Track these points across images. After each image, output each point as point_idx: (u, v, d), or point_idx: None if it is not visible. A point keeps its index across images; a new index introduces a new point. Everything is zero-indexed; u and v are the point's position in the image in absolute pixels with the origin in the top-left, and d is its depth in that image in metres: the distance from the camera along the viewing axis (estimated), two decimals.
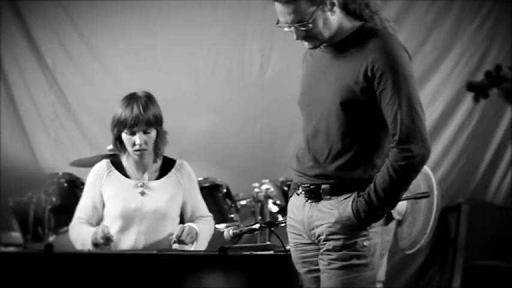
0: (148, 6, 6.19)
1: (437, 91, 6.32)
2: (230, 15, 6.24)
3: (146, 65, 6.17)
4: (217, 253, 3.38)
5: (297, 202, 3.05)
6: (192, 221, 3.97)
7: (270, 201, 5.27)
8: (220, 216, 4.92)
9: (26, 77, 6.14)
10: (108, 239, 3.73)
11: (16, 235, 5.46)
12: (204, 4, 6.22)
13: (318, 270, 2.99)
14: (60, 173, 5.42)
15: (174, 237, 3.79)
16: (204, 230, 3.94)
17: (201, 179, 5.02)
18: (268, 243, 4.37)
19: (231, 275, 3.40)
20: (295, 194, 3.07)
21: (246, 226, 3.42)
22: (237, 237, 3.40)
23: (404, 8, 6.27)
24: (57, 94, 6.16)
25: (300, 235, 3.04)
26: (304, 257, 3.05)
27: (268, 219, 5.16)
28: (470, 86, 2.42)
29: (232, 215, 5.04)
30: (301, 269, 3.08)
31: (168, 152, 4.05)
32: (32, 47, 6.12)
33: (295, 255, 3.09)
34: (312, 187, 2.96)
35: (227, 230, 3.42)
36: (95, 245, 3.75)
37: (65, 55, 6.16)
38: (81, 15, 6.16)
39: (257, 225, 3.40)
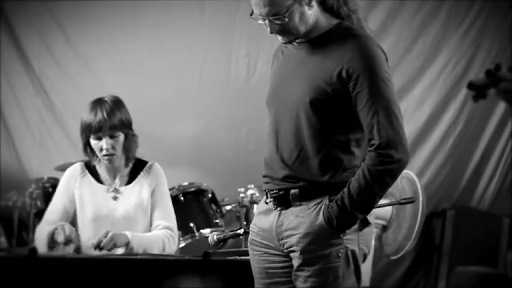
0: (135, 11, 6.19)
1: (424, 96, 6.31)
2: (217, 19, 6.23)
3: (132, 70, 6.17)
4: (201, 258, 3.38)
5: (264, 210, 2.90)
6: (150, 224, 3.88)
7: (255, 206, 5.27)
8: (205, 221, 4.94)
9: (12, 82, 6.14)
10: (68, 240, 3.69)
11: (1, 239, 5.45)
12: (191, 9, 6.22)
13: (285, 282, 2.85)
14: (45, 178, 5.44)
15: (95, 242, 3.63)
16: (147, 238, 3.80)
17: (186, 183, 5.03)
18: None
19: (215, 280, 3.39)
20: (262, 202, 2.94)
21: (231, 231, 3.40)
22: (221, 242, 3.40)
23: (391, 13, 6.26)
24: (44, 99, 6.16)
25: (266, 245, 2.89)
26: (269, 268, 2.90)
27: None
28: (471, 86, 2.37)
29: (217, 220, 5.03)
30: (263, 279, 2.91)
31: (153, 156, 4.02)
32: (19, 52, 6.12)
33: (257, 266, 2.92)
34: (280, 193, 2.81)
35: (212, 235, 3.41)
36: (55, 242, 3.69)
37: (52, 60, 6.16)
38: (68, 20, 6.16)
39: (242, 231, 3.39)
